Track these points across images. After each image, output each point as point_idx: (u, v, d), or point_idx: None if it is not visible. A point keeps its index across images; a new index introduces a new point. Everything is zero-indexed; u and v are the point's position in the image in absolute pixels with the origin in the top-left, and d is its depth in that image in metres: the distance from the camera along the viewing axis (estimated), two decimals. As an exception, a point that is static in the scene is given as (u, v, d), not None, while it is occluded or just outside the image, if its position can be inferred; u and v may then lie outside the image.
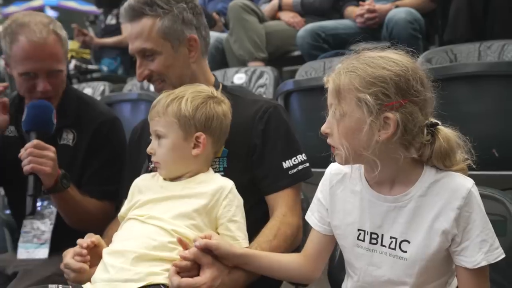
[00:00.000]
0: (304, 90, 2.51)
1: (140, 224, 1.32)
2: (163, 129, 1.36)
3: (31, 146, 1.53)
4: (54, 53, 1.68)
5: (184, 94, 1.37)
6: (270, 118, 1.48)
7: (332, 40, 3.10)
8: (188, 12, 1.52)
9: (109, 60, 4.43)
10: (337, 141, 1.10)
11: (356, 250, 1.20)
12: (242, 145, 1.45)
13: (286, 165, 1.45)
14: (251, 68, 2.91)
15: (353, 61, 1.10)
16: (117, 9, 4.61)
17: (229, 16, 3.31)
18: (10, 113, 1.76)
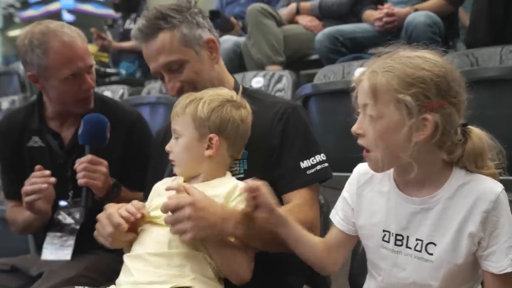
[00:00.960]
0: (322, 94, 2.51)
1: (156, 226, 1.32)
2: (180, 128, 1.40)
3: (86, 161, 1.60)
4: (87, 48, 1.75)
5: (202, 96, 1.40)
6: (289, 118, 1.48)
7: (350, 44, 3.10)
8: (198, 16, 1.55)
9: (127, 63, 4.46)
10: (372, 143, 1.08)
11: (381, 251, 1.19)
12: (261, 147, 1.46)
13: (304, 165, 1.45)
14: (270, 72, 2.92)
15: (389, 61, 1.08)
16: (135, 14, 4.66)
17: (247, 20, 3.32)
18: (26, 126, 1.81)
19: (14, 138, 1.85)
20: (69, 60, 1.67)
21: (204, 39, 1.53)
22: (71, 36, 1.69)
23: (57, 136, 1.83)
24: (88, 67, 1.73)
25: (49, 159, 1.81)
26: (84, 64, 1.70)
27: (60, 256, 1.77)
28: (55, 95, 1.74)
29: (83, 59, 1.70)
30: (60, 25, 1.72)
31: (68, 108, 1.77)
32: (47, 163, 1.79)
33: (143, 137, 1.86)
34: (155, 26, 1.48)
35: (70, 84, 1.70)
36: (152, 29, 1.48)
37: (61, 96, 1.73)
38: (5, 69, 5.98)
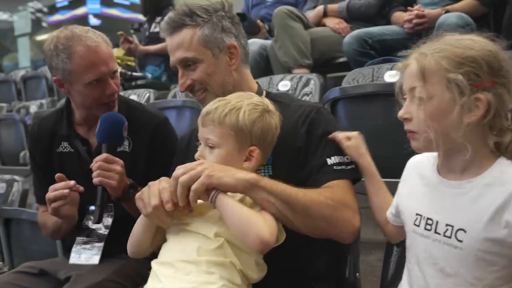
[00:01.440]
0: (351, 98, 2.47)
1: (184, 233, 1.30)
2: (217, 139, 1.33)
3: (101, 159, 1.59)
4: (111, 54, 1.74)
5: (241, 105, 1.34)
6: (313, 120, 1.46)
7: (379, 46, 3.05)
8: (226, 20, 1.53)
9: (153, 67, 4.48)
10: (422, 125, 1.07)
11: (411, 236, 1.18)
12: (287, 151, 1.43)
13: (331, 161, 1.41)
14: (297, 75, 2.89)
15: (436, 44, 1.08)
16: (160, 17, 4.68)
17: (274, 23, 3.30)
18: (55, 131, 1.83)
19: (44, 144, 1.87)
20: (92, 64, 1.67)
21: (226, 43, 1.51)
22: (95, 40, 1.69)
23: (85, 142, 1.83)
24: (112, 72, 1.72)
25: (78, 164, 1.82)
26: (108, 68, 1.70)
27: (88, 260, 1.77)
28: (79, 99, 1.75)
29: (106, 63, 1.70)
30: (85, 30, 1.72)
31: (93, 112, 1.77)
32: (75, 168, 1.81)
33: (167, 140, 1.84)
34: (180, 21, 1.50)
35: (93, 89, 1.70)
36: (178, 24, 1.50)
37: (85, 100, 1.74)
38: (33, 73, 6.09)
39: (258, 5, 3.94)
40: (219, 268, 1.23)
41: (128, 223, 1.72)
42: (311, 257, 1.45)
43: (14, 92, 5.78)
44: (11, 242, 2.42)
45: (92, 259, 1.76)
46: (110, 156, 1.60)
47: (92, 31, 1.74)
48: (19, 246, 2.40)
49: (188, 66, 1.51)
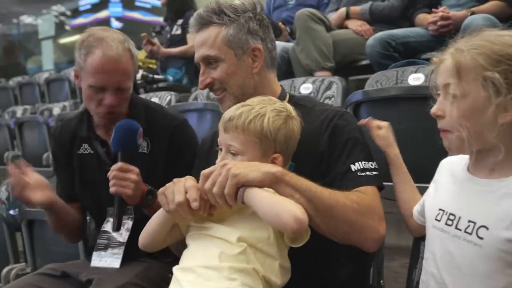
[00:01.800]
0: (374, 101, 2.43)
1: (205, 239, 1.27)
2: (241, 146, 1.30)
3: (116, 168, 1.59)
4: (126, 71, 1.70)
5: (265, 112, 1.31)
6: (337, 125, 1.43)
7: (403, 48, 3.01)
8: (254, 22, 1.51)
9: (174, 70, 4.50)
10: (455, 123, 1.05)
11: (430, 231, 1.16)
12: (309, 156, 1.41)
13: (355, 167, 1.38)
14: (319, 78, 2.85)
15: (474, 39, 1.05)
16: (182, 20, 4.70)
17: (296, 25, 3.27)
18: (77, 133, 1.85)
19: (66, 146, 1.89)
20: (98, 71, 1.67)
21: (250, 45, 1.49)
22: (116, 53, 1.67)
23: (104, 144, 1.84)
24: (116, 87, 1.69)
25: (97, 166, 1.83)
26: (112, 81, 1.67)
27: (109, 263, 1.77)
28: (84, 97, 1.76)
29: (113, 77, 1.67)
30: (116, 38, 1.70)
31: (94, 118, 1.78)
32: (95, 170, 1.83)
33: (185, 142, 1.83)
34: (208, 18, 1.50)
35: (94, 93, 1.69)
36: (205, 21, 1.50)
37: (86, 100, 1.75)
38: (56, 75, 6.17)
39: (280, 7, 3.92)
40: (241, 274, 1.20)
41: None
42: (335, 264, 1.43)
43: (37, 94, 5.86)
44: (34, 244, 2.43)
45: (113, 262, 1.77)
46: (124, 165, 1.60)
47: (123, 43, 1.70)
48: (42, 247, 2.42)
49: (209, 64, 1.51)
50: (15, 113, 5.25)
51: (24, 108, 5.30)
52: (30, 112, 5.18)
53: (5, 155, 4.27)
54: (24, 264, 2.51)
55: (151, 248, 1.39)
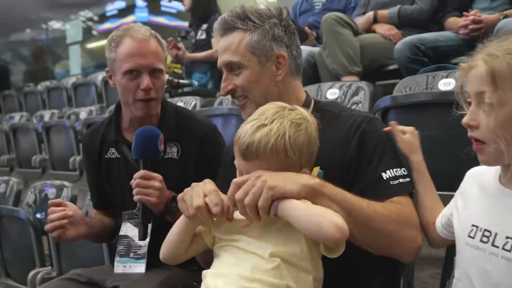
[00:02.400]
0: (403, 107, 2.37)
1: (235, 249, 1.23)
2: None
3: (138, 177, 1.58)
4: (156, 52, 1.73)
5: (284, 129, 1.21)
6: (365, 131, 1.38)
7: (433, 53, 2.93)
8: (279, 28, 1.47)
9: (199, 74, 4.50)
10: (492, 134, 1.00)
11: (464, 249, 1.10)
12: (337, 164, 1.37)
13: (387, 176, 1.34)
14: (346, 83, 2.80)
15: (505, 43, 1.00)
16: (206, 24, 4.71)
17: (322, 29, 3.23)
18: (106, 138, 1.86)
19: (95, 151, 1.89)
20: (131, 54, 1.70)
21: (274, 52, 1.46)
22: (144, 35, 1.73)
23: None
24: (150, 68, 1.72)
25: (124, 169, 1.82)
26: (145, 62, 1.70)
27: (132, 269, 1.76)
28: (119, 91, 1.77)
29: (145, 57, 1.71)
30: (139, 25, 1.78)
31: (131, 109, 1.77)
32: (122, 173, 1.82)
33: (215, 149, 1.81)
34: (233, 23, 1.47)
35: (129, 80, 1.71)
36: (229, 26, 1.47)
37: (123, 92, 1.75)
38: (83, 80, 6.25)
39: (306, 12, 3.89)
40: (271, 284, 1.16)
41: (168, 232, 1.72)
42: (366, 275, 1.39)
43: (65, 98, 5.95)
44: (60, 248, 2.46)
45: (137, 268, 1.75)
46: (147, 173, 1.59)
47: (148, 29, 1.77)
48: (67, 251, 2.44)
49: (232, 70, 1.48)
50: (43, 117, 5.33)
51: (52, 112, 5.37)
52: (57, 116, 5.26)
53: (33, 159, 4.33)
54: (50, 268, 2.54)
55: (172, 260, 1.35)
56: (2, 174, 4.68)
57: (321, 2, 3.91)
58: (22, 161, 4.59)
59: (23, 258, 2.69)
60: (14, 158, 4.71)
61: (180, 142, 1.79)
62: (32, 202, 3.03)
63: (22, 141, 4.60)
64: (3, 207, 2.90)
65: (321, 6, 3.88)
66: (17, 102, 6.76)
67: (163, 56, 1.78)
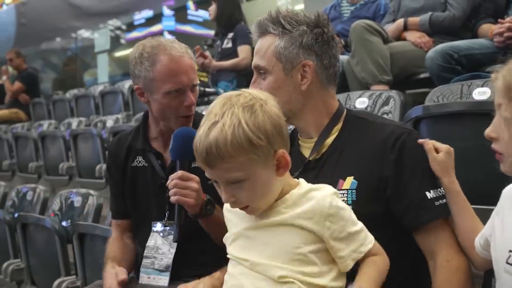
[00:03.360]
0: (436, 117, 2.29)
1: (242, 269, 1.19)
2: (241, 173, 1.12)
3: (176, 177, 1.57)
4: (193, 66, 1.74)
5: (237, 117, 1.09)
6: (404, 145, 1.33)
7: (466, 61, 2.84)
8: (309, 36, 1.42)
9: (226, 83, 4.49)
10: (508, 146, 0.99)
11: (503, 277, 1.05)
12: (371, 176, 1.33)
13: (431, 195, 1.30)
14: (376, 92, 2.73)
15: None
16: (232, 33, 4.70)
17: (351, 37, 3.17)
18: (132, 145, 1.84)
19: (121, 159, 1.88)
20: (174, 74, 1.68)
21: (300, 61, 1.41)
22: (179, 51, 1.71)
23: (160, 156, 1.82)
24: (192, 84, 1.72)
25: (151, 178, 1.80)
26: (188, 80, 1.70)
27: (157, 281, 1.73)
28: (158, 109, 1.74)
29: (188, 74, 1.70)
30: (170, 41, 1.75)
31: (169, 124, 1.76)
32: (148, 182, 1.80)
33: None
34: (265, 27, 1.46)
35: (172, 99, 1.70)
36: (263, 29, 1.47)
37: (163, 111, 1.74)
38: (110, 88, 6.32)
39: (334, 20, 3.83)
40: None
41: (192, 246, 1.70)
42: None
43: (92, 106, 6.02)
44: (85, 257, 2.44)
45: (161, 280, 1.72)
46: (185, 173, 1.57)
47: (177, 42, 1.76)
48: (92, 260, 2.42)
49: (260, 74, 1.46)
50: (71, 125, 5.40)
51: (79, 120, 5.44)
52: (84, 124, 5.32)
53: (60, 166, 4.37)
54: (74, 277, 2.52)
55: None
56: (30, 181, 4.76)
57: (350, 9, 3.87)
58: (50, 169, 4.64)
59: (49, 266, 2.70)
60: (42, 165, 4.76)
61: None
62: (58, 210, 3.05)
63: (50, 148, 4.65)
64: (29, 215, 2.93)
65: (350, 13, 3.83)
66: (46, 109, 6.87)
67: (196, 69, 1.79)
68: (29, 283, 2.87)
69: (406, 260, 1.37)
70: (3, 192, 3.71)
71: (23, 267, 2.88)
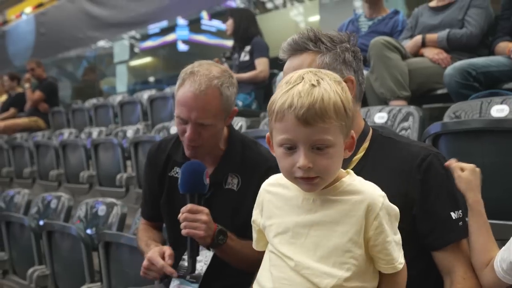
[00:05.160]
0: (454, 133, 2.33)
1: (287, 270, 1.19)
2: (332, 137, 1.12)
3: (185, 211, 1.61)
4: (206, 108, 1.69)
5: (331, 86, 1.12)
6: (430, 167, 1.38)
7: (484, 78, 2.88)
8: (349, 53, 1.49)
9: (244, 95, 4.55)
10: None
11: None
12: (398, 194, 1.35)
13: (455, 216, 1.35)
14: (396, 108, 2.78)
15: None
16: (249, 46, 4.77)
17: (371, 53, 3.23)
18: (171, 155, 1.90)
19: (160, 165, 1.93)
20: (181, 104, 1.72)
21: (344, 76, 1.46)
22: (198, 89, 1.68)
23: None
24: (195, 122, 1.71)
25: None
26: (192, 115, 1.70)
27: None
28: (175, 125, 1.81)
29: (191, 112, 1.70)
30: (206, 75, 1.71)
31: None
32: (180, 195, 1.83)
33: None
34: (303, 45, 1.48)
35: (179, 124, 1.76)
36: (300, 47, 1.49)
37: (177, 130, 1.79)
38: (129, 98, 6.39)
39: (353, 35, 3.89)
40: None
41: (222, 266, 1.73)
42: None
43: (111, 116, 6.09)
44: (110, 265, 2.49)
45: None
46: (194, 206, 1.62)
47: (210, 79, 1.71)
48: (117, 269, 2.47)
49: None
50: (91, 134, 5.47)
51: (100, 130, 5.51)
52: (105, 133, 5.38)
53: (81, 175, 4.43)
54: (99, 284, 2.58)
55: None
56: (50, 188, 4.83)
57: (368, 24, 3.91)
58: (70, 177, 4.70)
59: (73, 273, 2.75)
60: (62, 173, 4.83)
61: (242, 174, 1.80)
62: (83, 217, 3.11)
63: (71, 157, 4.72)
64: (55, 223, 2.99)
65: (368, 28, 3.87)
66: (65, 118, 6.96)
67: (220, 108, 1.73)
68: (53, 289, 2.94)
69: (428, 279, 1.41)
70: (28, 200, 3.79)
71: (47, 274, 2.95)
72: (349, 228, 1.15)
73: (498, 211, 1.59)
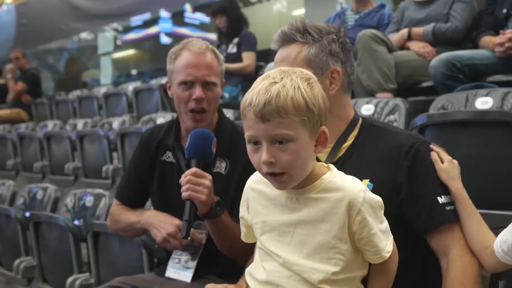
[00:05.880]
0: (440, 125, 2.37)
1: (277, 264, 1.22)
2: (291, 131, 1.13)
3: (190, 173, 1.62)
4: (210, 65, 1.80)
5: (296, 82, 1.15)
6: (417, 153, 1.41)
7: (468, 70, 2.94)
8: (336, 44, 1.52)
9: (231, 87, 4.56)
10: None
11: None
12: (386, 180, 1.40)
13: (442, 200, 1.37)
14: (383, 100, 2.82)
15: None
16: (237, 38, 4.78)
17: (358, 46, 3.26)
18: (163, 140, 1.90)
19: (151, 150, 1.94)
20: (186, 66, 1.78)
21: (330, 67, 1.49)
22: (200, 48, 1.81)
23: None
24: (203, 80, 1.78)
25: (176, 175, 1.84)
26: (199, 74, 1.78)
27: (181, 276, 1.80)
28: (175, 102, 1.83)
29: (199, 69, 1.78)
30: (197, 40, 1.86)
31: (184, 119, 1.83)
32: (174, 179, 1.84)
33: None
34: (291, 36, 1.52)
35: (183, 90, 1.79)
36: (288, 38, 1.52)
37: (178, 103, 1.82)
38: (114, 90, 6.35)
39: (339, 28, 3.92)
40: None
41: (215, 255, 1.75)
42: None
43: (95, 108, 6.04)
44: (99, 255, 2.48)
45: (185, 276, 1.79)
46: (199, 171, 1.63)
47: (206, 43, 1.85)
48: (106, 259, 2.46)
49: None
50: (76, 125, 5.42)
51: (85, 121, 5.46)
52: (90, 125, 5.34)
53: (66, 166, 4.40)
54: (88, 275, 2.57)
55: None
56: (34, 180, 4.79)
57: (354, 18, 3.95)
58: (55, 168, 4.66)
59: (61, 263, 2.73)
60: (47, 165, 4.79)
61: (230, 159, 1.82)
62: (71, 208, 3.09)
63: (55, 148, 4.67)
64: (42, 214, 2.97)
65: (354, 22, 3.91)
66: (49, 110, 6.89)
67: (219, 70, 1.84)
68: (40, 280, 2.90)
69: (416, 263, 1.44)
70: (13, 191, 3.75)
71: (34, 265, 2.93)
72: (333, 226, 1.18)
73: (483, 200, 1.63)
